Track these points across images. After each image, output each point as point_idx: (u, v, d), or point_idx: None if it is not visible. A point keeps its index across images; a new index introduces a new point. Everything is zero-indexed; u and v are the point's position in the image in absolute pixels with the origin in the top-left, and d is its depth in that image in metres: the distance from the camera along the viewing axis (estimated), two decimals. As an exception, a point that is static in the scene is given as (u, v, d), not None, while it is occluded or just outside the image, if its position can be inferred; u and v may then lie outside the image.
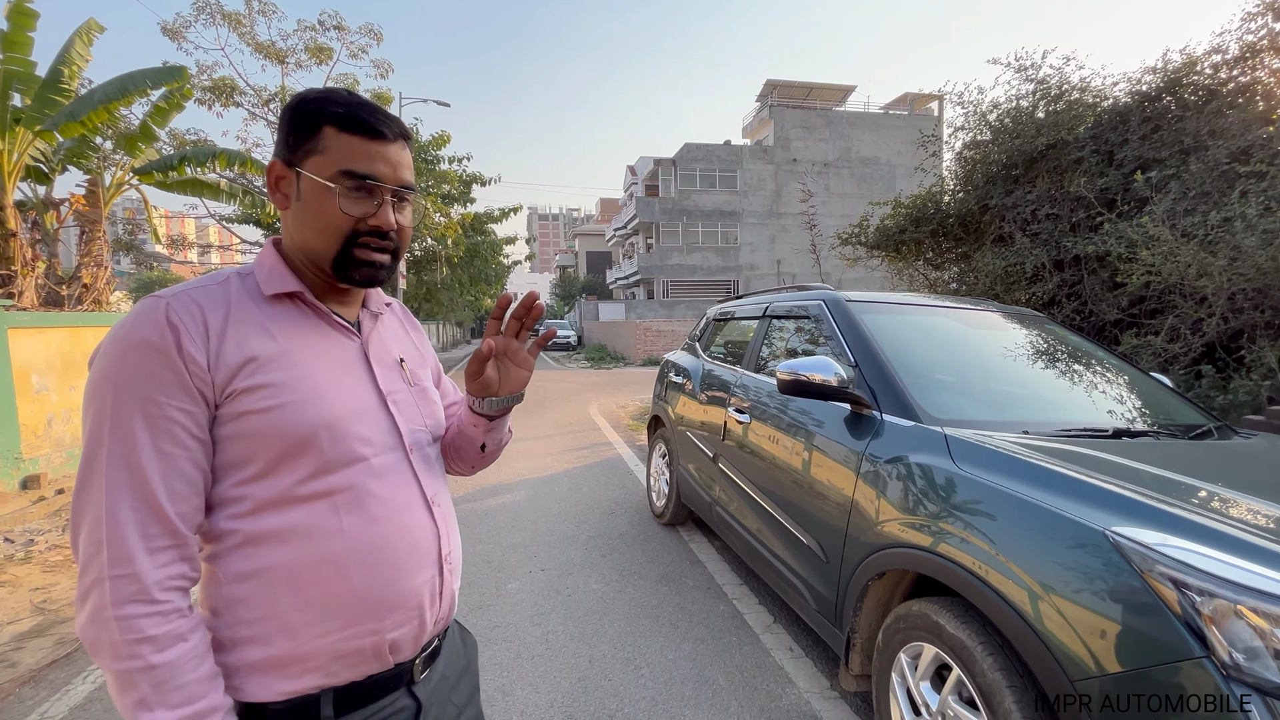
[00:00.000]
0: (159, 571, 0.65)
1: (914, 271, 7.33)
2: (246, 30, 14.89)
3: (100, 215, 8.14)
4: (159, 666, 0.63)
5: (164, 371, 0.67)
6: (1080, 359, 2.50)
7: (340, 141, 0.74)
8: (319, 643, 0.72)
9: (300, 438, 0.72)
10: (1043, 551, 1.29)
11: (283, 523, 0.72)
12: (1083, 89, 5.57)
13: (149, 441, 0.66)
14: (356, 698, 0.75)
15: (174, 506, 0.67)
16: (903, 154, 32.89)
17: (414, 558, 0.79)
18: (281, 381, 0.72)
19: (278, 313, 0.77)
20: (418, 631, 0.80)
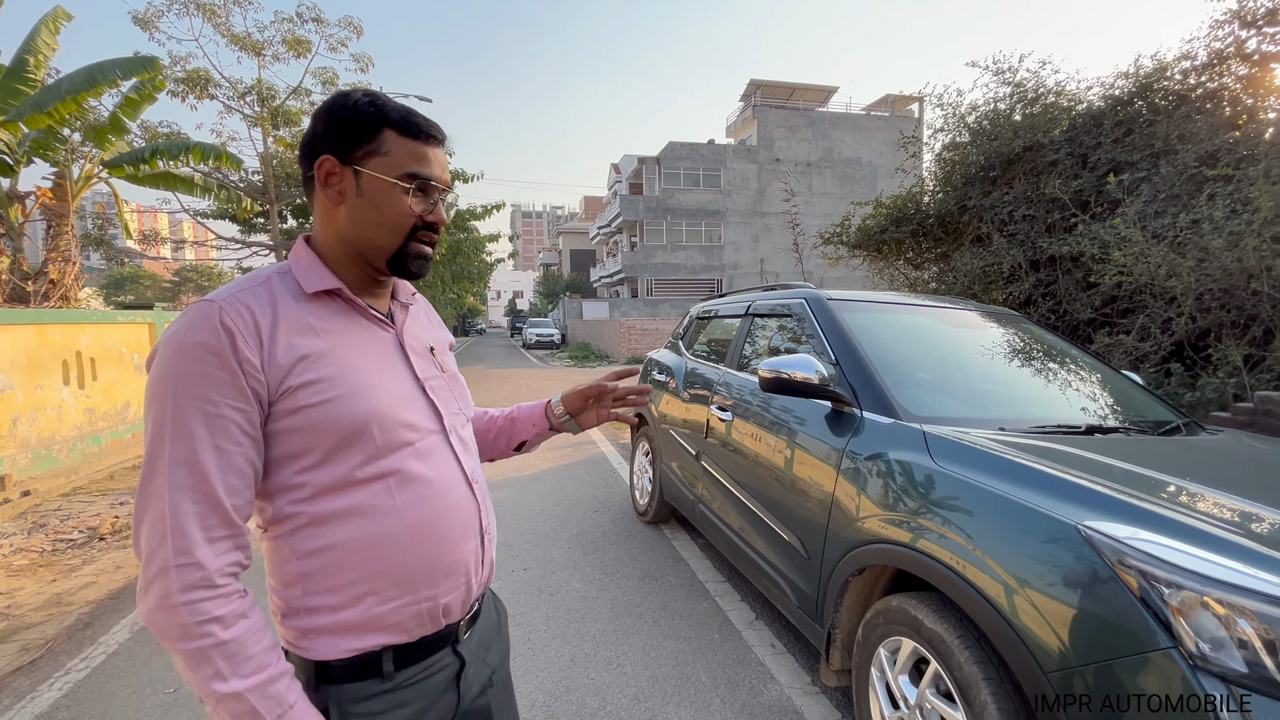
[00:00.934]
0: (219, 559, 0.71)
1: (895, 271, 7.42)
2: (221, 21, 14.56)
3: (68, 209, 7.92)
4: (229, 642, 0.70)
5: (220, 373, 0.71)
6: (1055, 357, 2.55)
7: (402, 145, 0.81)
8: (381, 608, 0.80)
9: (354, 428, 0.78)
10: (1018, 546, 1.31)
11: (343, 504, 0.79)
12: (1058, 92, 5.68)
13: (207, 439, 0.71)
14: (412, 654, 0.83)
15: (230, 499, 0.72)
16: (884, 154, 33.26)
17: (460, 530, 0.87)
18: (331, 376, 0.78)
19: (320, 309, 0.82)
20: (465, 596, 0.88)
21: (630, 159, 35.01)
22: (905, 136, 7.53)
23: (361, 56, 16.40)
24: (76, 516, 4.28)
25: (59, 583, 3.21)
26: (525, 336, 30.91)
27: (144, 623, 0.71)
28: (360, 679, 0.80)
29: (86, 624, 2.77)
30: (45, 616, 2.84)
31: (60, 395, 5.78)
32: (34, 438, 5.39)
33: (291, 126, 16.11)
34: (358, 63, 16.45)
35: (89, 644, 2.58)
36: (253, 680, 0.70)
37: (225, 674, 0.69)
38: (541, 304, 51.76)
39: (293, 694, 0.74)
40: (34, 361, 5.48)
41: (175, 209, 16.23)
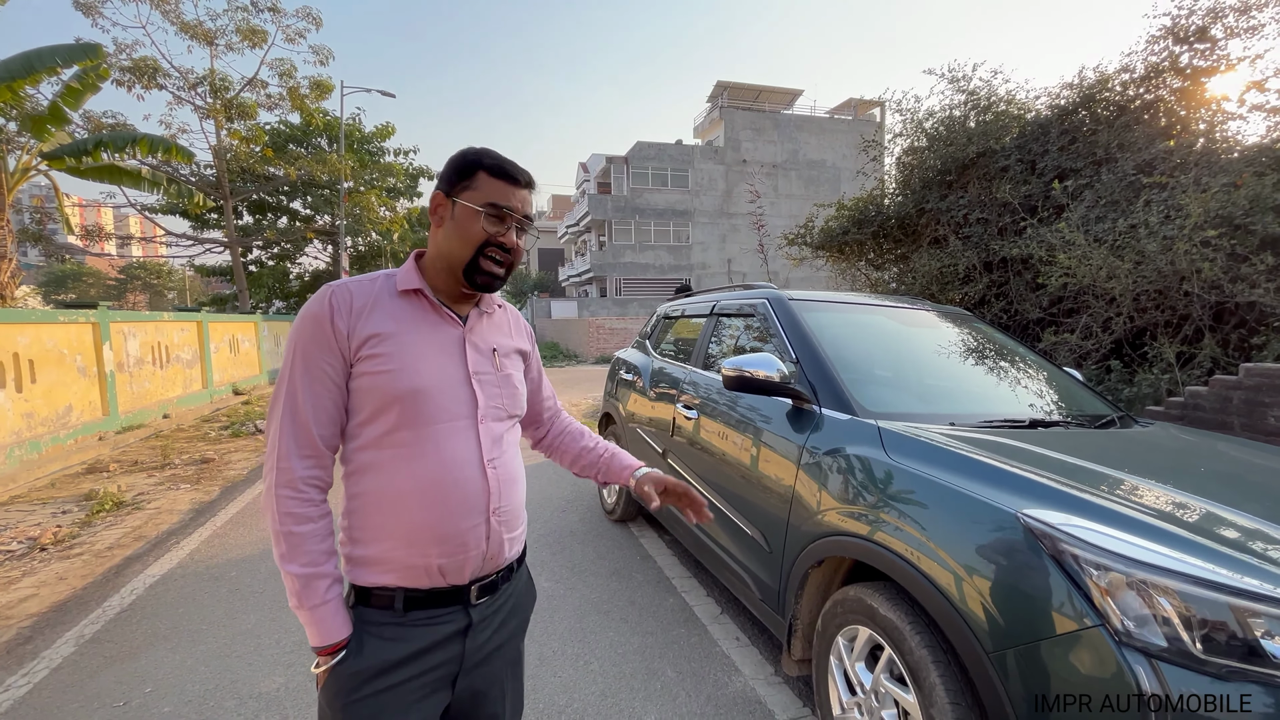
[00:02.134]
0: (303, 470, 0.96)
1: (856, 271, 7.61)
2: (170, 8, 13.97)
3: (3, 203, 7.50)
4: (295, 534, 0.95)
5: (320, 336, 0.97)
6: (1004, 355, 2.67)
7: (489, 183, 1.02)
8: (391, 554, 0.98)
9: (394, 396, 0.97)
10: (966, 536, 1.37)
11: (375, 459, 0.99)
12: (1009, 101, 5.92)
13: (304, 383, 0.97)
14: (419, 601, 0.99)
15: (317, 429, 0.97)
16: (847, 157, 33.96)
17: (464, 506, 1.00)
18: (390, 353, 0.98)
19: (404, 304, 1.03)
20: (462, 563, 1.01)
21: (598, 158, 34.93)
22: (866, 140, 7.73)
23: (320, 49, 15.98)
24: (15, 527, 4.07)
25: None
26: (493, 336, 30.50)
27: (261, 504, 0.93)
28: (379, 608, 0.99)
29: (28, 638, 2.64)
30: (-19, 632, 2.70)
31: (-5, 399, 5.47)
32: (-34, 444, 5.09)
33: (247, 119, 15.56)
34: (316, 55, 16.02)
35: (30, 659, 2.46)
36: (303, 570, 0.94)
37: (287, 556, 0.95)
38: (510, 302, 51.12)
39: (330, 594, 0.96)
40: (-34, 364, 5.17)
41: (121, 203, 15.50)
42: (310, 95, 16.33)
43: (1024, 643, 1.20)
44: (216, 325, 10.60)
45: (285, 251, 20.21)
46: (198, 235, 18.10)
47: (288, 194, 19.11)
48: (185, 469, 5.68)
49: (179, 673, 2.33)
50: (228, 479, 5.36)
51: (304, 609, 0.95)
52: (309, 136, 18.83)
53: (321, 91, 16.54)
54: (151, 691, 2.22)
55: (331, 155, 16.85)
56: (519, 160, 1.07)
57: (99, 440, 6.67)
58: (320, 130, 18.60)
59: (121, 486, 4.96)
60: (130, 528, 4.07)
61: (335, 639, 0.95)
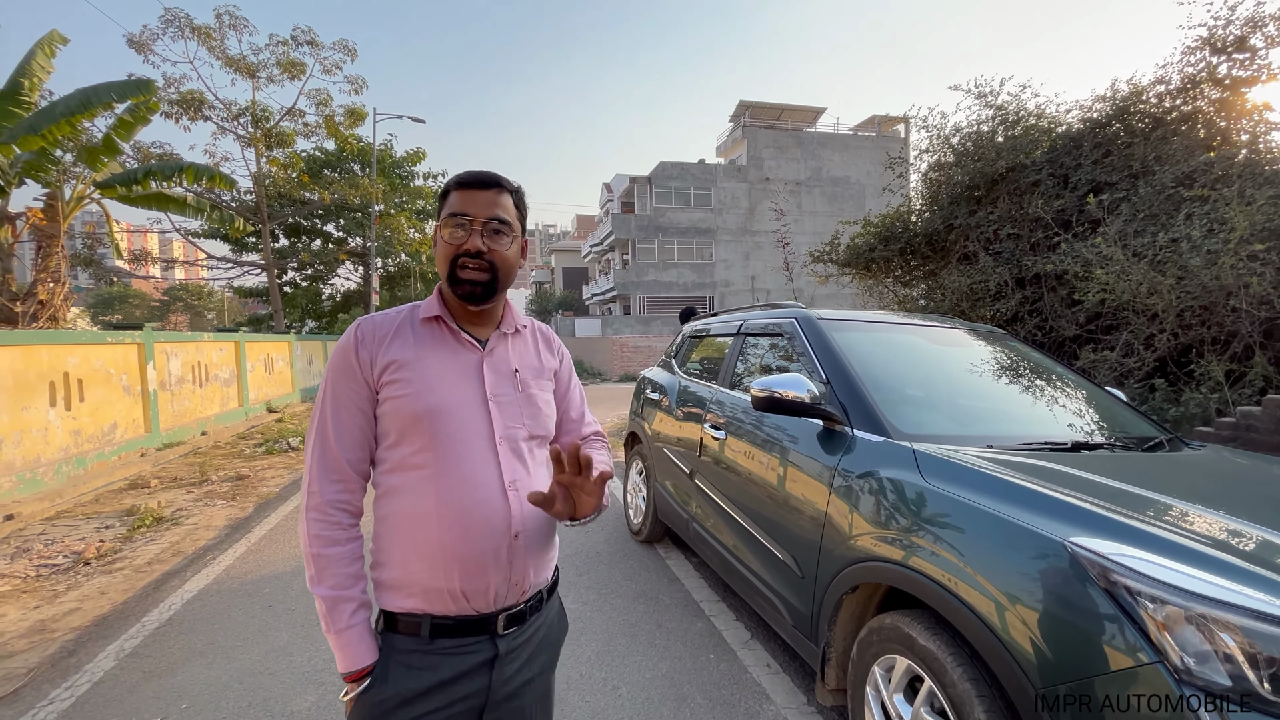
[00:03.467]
0: (330, 495, 0.99)
1: (883, 288, 7.52)
2: (216, 44, 14.69)
3: (59, 230, 7.89)
4: (322, 556, 0.97)
5: (346, 366, 1.01)
6: (1041, 374, 2.59)
7: (453, 197, 1.04)
8: (414, 576, 0.98)
9: (413, 418, 0.99)
10: (1008, 563, 1.33)
11: (399, 481, 1.00)
12: (1038, 115, 5.83)
13: (332, 411, 1.01)
14: (446, 628, 0.98)
15: (344, 454, 1.00)
16: (871, 174, 33.79)
17: (484, 527, 0.99)
18: (408, 378, 1.01)
19: (425, 332, 1.06)
20: (484, 588, 0.99)
21: (622, 178, 35.37)
22: (892, 157, 7.68)
23: (355, 78, 16.58)
24: (61, 541, 4.21)
25: (43, 609, 3.15)
26: (518, 354, 30.78)
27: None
28: (406, 634, 0.98)
29: (71, 651, 2.72)
30: (28, 645, 2.78)
31: (46, 417, 5.71)
32: (19, 460, 5.31)
33: (285, 147, 16.19)
34: (352, 84, 16.63)
35: (73, 672, 2.53)
36: (329, 592, 0.96)
37: (316, 579, 0.97)
38: (534, 322, 51.56)
39: (355, 619, 0.96)
40: (20, 383, 5.42)
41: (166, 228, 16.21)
42: (345, 123, 16.95)
43: (1076, 679, 1.15)
44: (252, 345, 10.93)
45: (318, 273, 20.82)
46: (237, 258, 18.80)
47: (321, 217, 19.74)
48: (221, 485, 5.83)
49: (214, 689, 2.37)
50: (261, 495, 5.48)
51: (331, 633, 0.96)
52: (343, 162, 19.48)
53: (355, 119, 17.16)
54: (187, 708, 2.25)
55: (364, 179, 17.40)
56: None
57: (141, 457, 6.89)
58: (354, 155, 19.25)
59: (161, 502, 5.11)
60: (169, 543, 4.18)
61: (360, 665, 0.95)
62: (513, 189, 1.07)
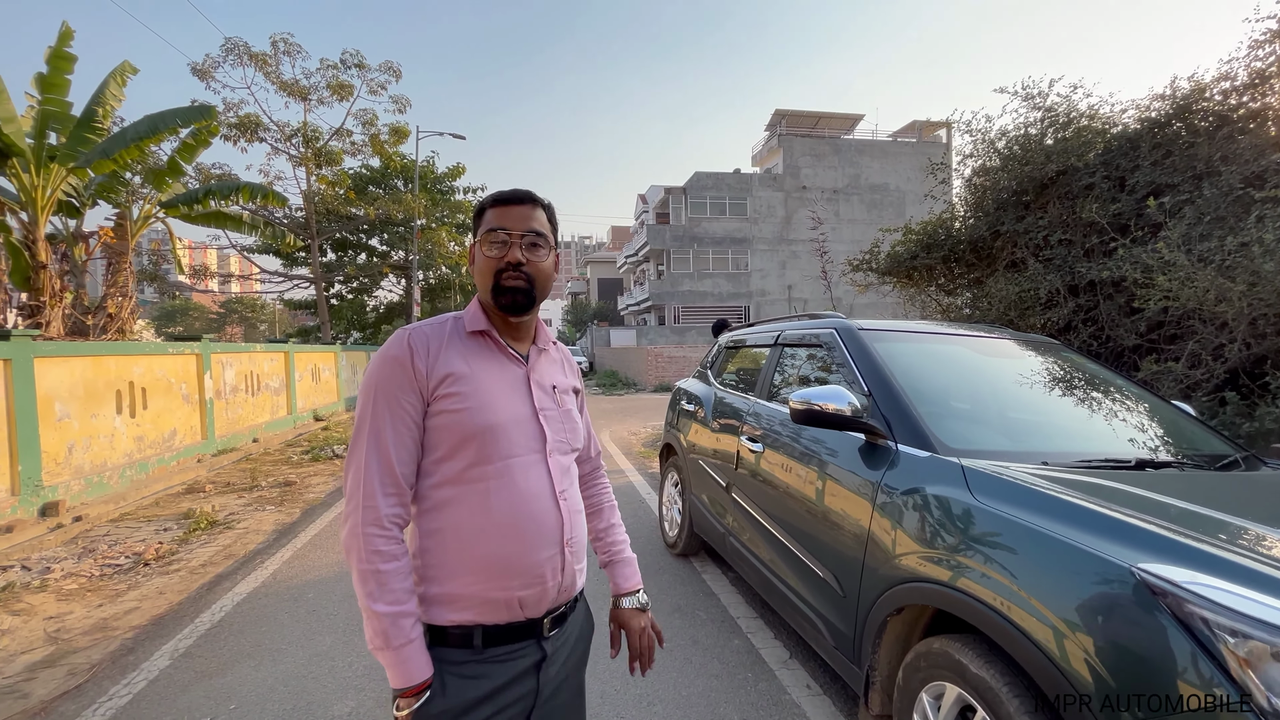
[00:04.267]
0: (389, 509, 0.97)
1: (926, 297, 7.30)
2: (272, 69, 15.45)
3: (127, 247, 8.38)
4: (383, 572, 0.95)
5: (402, 377, 1.00)
6: (1099, 386, 2.46)
7: (490, 214, 1.08)
8: (470, 589, 0.99)
9: (472, 433, 0.99)
10: (1066, 588, 1.25)
11: (453, 495, 1.00)
12: (1091, 116, 5.59)
13: (389, 422, 0.99)
14: (497, 637, 1.00)
15: (400, 467, 0.98)
16: (912, 180, 33.08)
17: (540, 537, 1.02)
18: (466, 392, 1.01)
19: (473, 344, 1.07)
20: (540, 595, 1.02)
21: (657, 189, 35.55)
22: (934, 163, 7.48)
23: (400, 98, 17.17)
24: (123, 542, 4.42)
25: (105, 608, 3.31)
26: (554, 364, 31.05)
27: (342, 543, 0.99)
28: (457, 646, 0.99)
29: (130, 649, 2.84)
30: (91, 641, 2.92)
31: (113, 423, 6.04)
32: (87, 464, 5.62)
33: (333, 165, 16.87)
34: (396, 104, 17.23)
35: (131, 670, 2.64)
36: (390, 608, 0.94)
37: (375, 595, 0.94)
38: (570, 332, 52.29)
39: (414, 633, 0.96)
40: (90, 391, 5.75)
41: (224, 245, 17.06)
42: (389, 141, 17.57)
43: (1144, 715, 1.07)
44: (301, 355, 11.35)
45: (363, 286, 21.55)
46: (287, 272, 19.62)
47: (366, 232, 20.46)
48: (270, 491, 6.04)
49: (260, 691, 2.43)
50: (308, 501, 5.65)
51: (389, 649, 0.93)
52: (387, 178, 20.18)
53: (399, 137, 17.77)
54: (235, 709, 2.32)
55: (407, 195, 17.97)
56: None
57: (197, 462, 7.21)
58: (397, 172, 19.91)
59: (215, 506, 5.33)
60: (221, 546, 4.34)
61: (419, 679, 0.94)
62: (545, 204, 1.11)
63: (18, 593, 3.46)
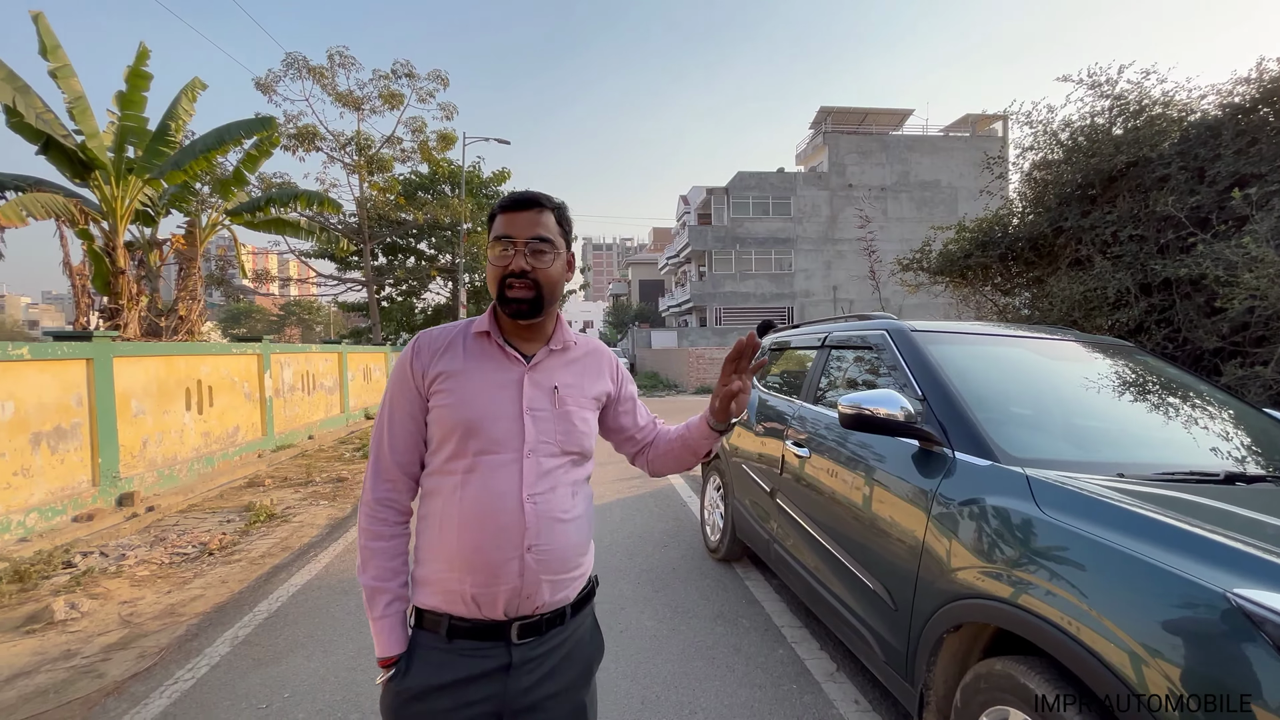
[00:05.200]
0: (380, 494, 1.09)
1: (981, 297, 6.99)
2: (328, 82, 16.09)
3: (196, 253, 8.88)
4: (368, 549, 1.07)
5: (403, 376, 1.10)
6: (1178, 392, 2.29)
7: (498, 221, 1.09)
8: (437, 575, 1.04)
9: (451, 426, 1.05)
10: (1147, 610, 1.15)
11: (437, 485, 1.07)
12: (1165, 103, 5.24)
13: (388, 417, 1.10)
14: (463, 631, 1.03)
15: (394, 457, 1.09)
16: (965, 176, 31.86)
17: (498, 538, 1.02)
18: (452, 389, 1.07)
19: (475, 345, 1.12)
20: (495, 597, 1.02)
21: (699, 190, 35.37)
22: (989, 157, 7.16)
23: (447, 105, 17.63)
24: (190, 532, 4.67)
25: (173, 594, 3.50)
26: (595, 365, 31.21)
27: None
28: (429, 631, 1.05)
29: (194, 635, 2.98)
30: (160, 626, 3.09)
31: (182, 420, 6.40)
32: (159, 458, 5.97)
33: (385, 172, 17.47)
34: (444, 111, 17.69)
35: (195, 655, 2.77)
36: (370, 582, 1.05)
37: (361, 568, 1.08)
38: (611, 333, 52.60)
39: (389, 610, 1.04)
40: (162, 389, 6.11)
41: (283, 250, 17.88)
42: (437, 147, 18.06)
43: (1246, 759, 0.97)
44: (353, 355, 11.78)
45: (412, 288, 22.21)
46: (341, 276, 20.43)
47: (415, 236, 21.09)
48: (324, 486, 6.28)
49: (313, 681, 2.51)
50: (358, 497, 5.83)
51: (370, 619, 1.05)
52: (435, 184, 20.76)
53: (447, 143, 18.25)
54: (289, 697, 2.40)
55: (454, 200, 18.44)
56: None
57: (258, 458, 7.56)
58: (445, 178, 20.46)
59: (273, 500, 5.57)
60: (279, 539, 4.53)
61: (389, 653, 1.03)
62: (554, 206, 1.11)
63: (96, 577, 3.69)
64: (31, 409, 4.57)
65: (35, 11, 6.89)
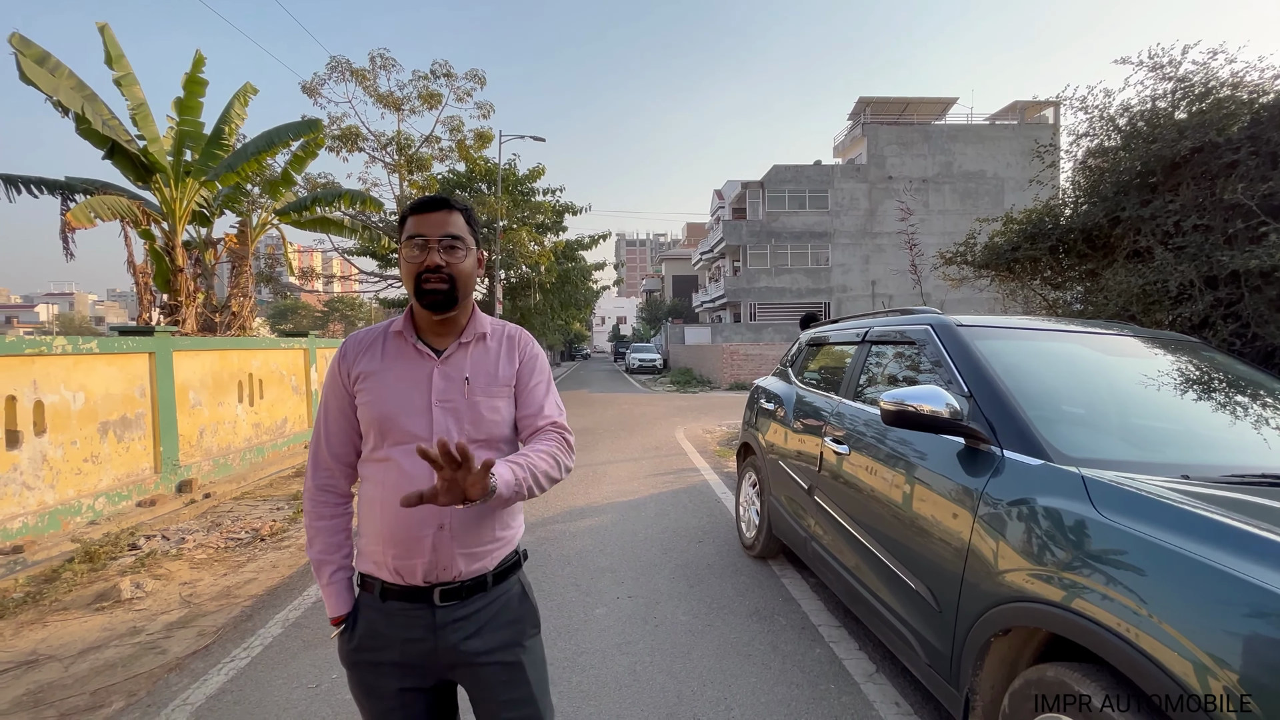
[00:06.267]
0: (318, 480, 1.25)
1: (1029, 292, 6.73)
2: (370, 84, 16.51)
3: (248, 252, 9.25)
4: (313, 528, 1.25)
5: (332, 375, 1.24)
6: (1249, 390, 2.16)
7: (410, 222, 1.18)
8: (369, 547, 1.19)
9: (370, 422, 1.18)
10: (1211, 618, 1.09)
11: (367, 472, 1.21)
12: (1235, 85, 4.92)
13: (322, 414, 1.25)
14: (391, 593, 1.17)
15: (329, 449, 1.24)
16: (1012, 166, 30.68)
17: (412, 517, 1.13)
18: (371, 388, 1.19)
19: (391, 344, 1.23)
20: (414, 568, 1.15)
21: (733, 184, 35.01)
22: (1040, 145, 6.87)
23: (483, 104, 17.88)
24: (244, 519, 4.89)
25: (229, 577, 3.67)
26: (628, 361, 31.32)
27: None
28: (367, 593, 1.20)
29: (249, 616, 3.13)
30: (218, 606, 3.24)
31: (235, 411, 6.69)
32: (215, 447, 6.26)
33: (424, 171, 17.84)
34: (480, 110, 17.95)
35: (250, 635, 2.90)
36: (316, 556, 1.24)
37: (308, 545, 1.26)
38: (644, 329, 52.64)
39: (334, 579, 1.22)
40: (217, 382, 6.40)
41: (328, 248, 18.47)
42: (474, 146, 18.35)
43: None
44: (395, 351, 12.09)
45: (450, 285, 22.61)
46: (382, 273, 20.98)
47: (454, 234, 21.45)
48: (367, 477, 6.48)
49: (358, 664, 2.60)
50: (400, 488, 6.01)
51: (319, 586, 1.24)
52: (471, 181, 21.11)
53: (483, 142, 18.52)
54: (337, 678, 2.49)
55: (489, 197, 18.71)
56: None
57: (304, 448, 7.85)
58: (481, 175, 20.78)
59: (320, 490, 5.77)
60: (325, 527, 4.70)
61: (336, 613, 1.21)
62: (462, 208, 1.20)
63: (158, 559, 3.90)
64: (99, 400, 4.84)
65: (101, 23, 7.27)
